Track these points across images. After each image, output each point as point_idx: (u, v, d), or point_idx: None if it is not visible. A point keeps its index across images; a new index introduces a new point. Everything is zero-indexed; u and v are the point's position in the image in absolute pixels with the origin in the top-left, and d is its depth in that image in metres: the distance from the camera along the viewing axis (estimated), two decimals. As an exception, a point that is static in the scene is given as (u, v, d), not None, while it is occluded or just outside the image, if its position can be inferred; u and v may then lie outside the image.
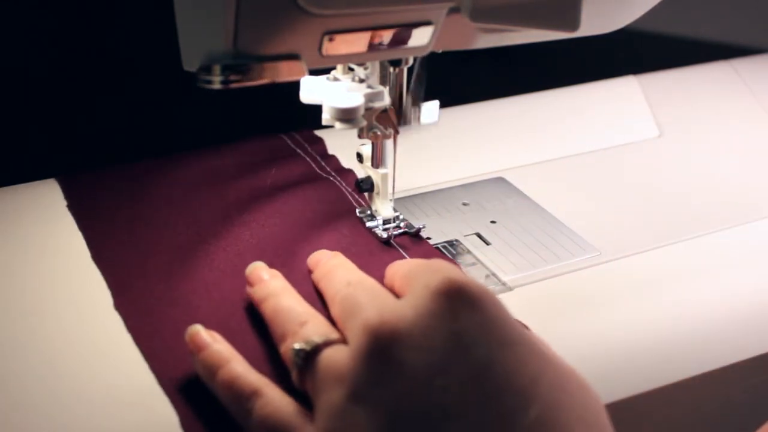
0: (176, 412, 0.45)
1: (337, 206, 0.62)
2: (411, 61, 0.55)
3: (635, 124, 0.78)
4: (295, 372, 0.44)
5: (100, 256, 0.57)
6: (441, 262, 0.46)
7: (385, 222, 0.60)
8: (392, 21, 0.48)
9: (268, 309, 0.49)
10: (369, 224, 0.60)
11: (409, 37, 0.49)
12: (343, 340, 0.44)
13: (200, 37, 0.46)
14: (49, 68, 0.90)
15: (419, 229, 0.60)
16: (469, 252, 0.60)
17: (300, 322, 0.46)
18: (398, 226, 0.60)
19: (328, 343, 0.44)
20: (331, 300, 0.48)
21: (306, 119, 0.60)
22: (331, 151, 0.69)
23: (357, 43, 0.48)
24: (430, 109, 0.58)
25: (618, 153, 0.74)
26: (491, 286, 0.57)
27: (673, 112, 0.80)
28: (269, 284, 0.50)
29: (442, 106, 0.59)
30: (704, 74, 0.87)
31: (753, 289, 0.58)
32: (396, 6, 0.47)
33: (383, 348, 0.41)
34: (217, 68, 0.45)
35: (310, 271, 0.54)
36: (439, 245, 0.61)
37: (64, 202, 0.62)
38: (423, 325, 0.41)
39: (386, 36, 0.48)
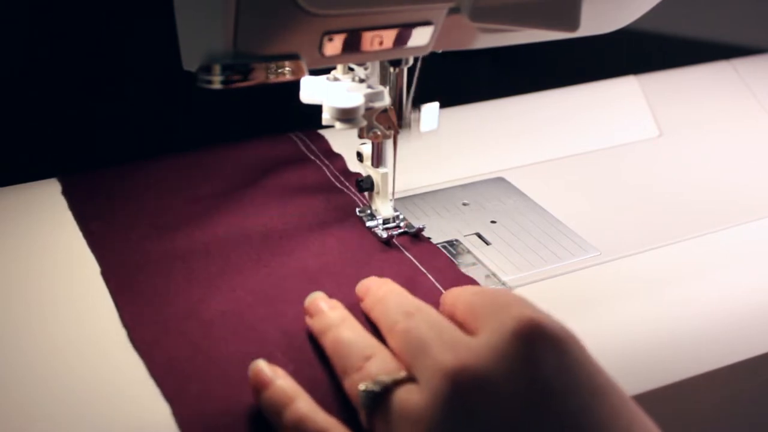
0: (173, 413, 0.45)
1: (342, 208, 0.62)
2: (411, 61, 0.55)
3: (635, 124, 0.78)
4: (364, 413, 0.43)
5: (100, 257, 0.57)
6: (507, 293, 0.45)
7: (385, 222, 0.60)
8: (392, 21, 0.48)
9: (328, 342, 0.47)
10: (369, 224, 0.60)
11: (409, 37, 0.49)
12: (411, 378, 0.42)
13: (200, 37, 0.46)
14: (48, 68, 0.90)
15: (420, 230, 0.60)
16: (469, 252, 0.60)
17: (364, 356, 0.45)
18: (398, 226, 0.60)
19: (397, 382, 0.42)
20: (389, 330, 0.46)
21: (306, 119, 0.60)
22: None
23: (357, 43, 0.48)
24: (430, 112, 0.58)
25: (618, 153, 0.74)
26: (491, 286, 0.57)
27: (673, 112, 0.80)
28: (329, 315, 0.49)
29: (442, 106, 0.59)
30: (704, 74, 0.87)
31: (753, 289, 0.58)
32: (396, 6, 0.47)
33: (463, 394, 0.39)
34: (217, 68, 0.45)
35: (360, 300, 0.51)
36: (439, 245, 0.61)
37: (64, 202, 0.62)
38: (505, 370, 0.39)
39: (386, 36, 0.48)
